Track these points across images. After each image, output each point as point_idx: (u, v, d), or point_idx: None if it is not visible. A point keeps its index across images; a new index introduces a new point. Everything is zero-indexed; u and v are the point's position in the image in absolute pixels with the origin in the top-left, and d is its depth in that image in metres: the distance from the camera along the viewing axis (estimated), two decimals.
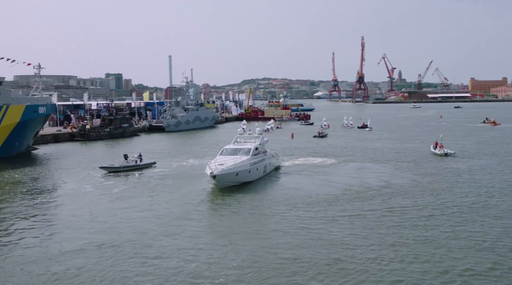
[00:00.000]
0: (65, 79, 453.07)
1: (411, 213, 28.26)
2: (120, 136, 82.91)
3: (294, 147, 63.83)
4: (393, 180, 38.90)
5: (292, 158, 52.91)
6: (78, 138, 78.00)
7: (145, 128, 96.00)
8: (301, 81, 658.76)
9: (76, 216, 28.69)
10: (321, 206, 29.93)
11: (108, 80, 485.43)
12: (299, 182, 38.90)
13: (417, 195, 32.97)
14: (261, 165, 40.51)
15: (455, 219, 27.00)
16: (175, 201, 31.96)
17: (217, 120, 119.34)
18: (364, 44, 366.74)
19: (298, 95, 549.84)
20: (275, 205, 30.63)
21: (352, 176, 40.85)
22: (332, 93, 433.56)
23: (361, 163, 48.90)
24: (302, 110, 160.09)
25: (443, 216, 27.52)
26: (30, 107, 59.54)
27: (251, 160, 38.69)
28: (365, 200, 31.69)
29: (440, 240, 23.17)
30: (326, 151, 59.22)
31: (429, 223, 26.16)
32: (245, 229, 25.48)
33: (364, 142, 68.95)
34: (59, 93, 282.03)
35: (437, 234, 24.16)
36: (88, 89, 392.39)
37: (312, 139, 75.61)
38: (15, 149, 59.17)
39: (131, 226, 26.11)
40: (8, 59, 63.63)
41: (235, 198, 32.81)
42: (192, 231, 25.13)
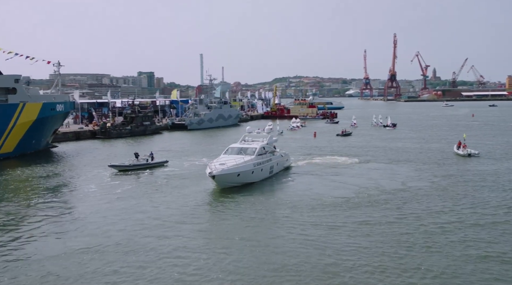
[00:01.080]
0: (99, 77, 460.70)
1: (425, 220, 25.98)
2: (142, 134, 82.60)
3: (314, 146, 61.94)
4: (410, 182, 36.65)
5: (309, 157, 51.12)
6: (99, 136, 78.02)
7: (168, 126, 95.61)
8: (333, 79, 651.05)
9: (67, 218, 27.67)
10: (325, 211, 28.05)
11: (140, 78, 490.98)
12: (309, 183, 37.06)
13: (433, 200, 30.64)
14: (266, 166, 38.94)
15: (475, 228, 24.58)
16: (174, 203, 30.62)
17: (241, 118, 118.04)
18: (396, 41, 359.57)
19: (329, 93, 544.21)
20: (276, 209, 28.93)
21: (367, 178, 38.72)
22: (363, 91, 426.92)
23: (379, 163, 46.68)
24: (331, 109, 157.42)
25: (460, 226, 24.98)
26: (47, 105, 59.37)
27: (255, 160, 37.17)
28: (376, 204, 29.60)
29: (455, 252, 21.04)
30: (346, 150, 57.10)
31: (444, 233, 23.86)
32: (240, 235, 23.84)
33: (386, 142, 66.43)
34: (91, 91, 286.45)
35: (452, 246, 21.86)
36: (121, 87, 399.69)
37: (334, 138, 73.53)
38: (33, 147, 59.15)
39: (119, 229, 24.86)
40: (27, 57, 63.70)
41: (235, 200, 31.30)
42: (183, 236, 23.66)
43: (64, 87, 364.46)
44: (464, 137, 55.39)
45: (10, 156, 54.64)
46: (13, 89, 55.38)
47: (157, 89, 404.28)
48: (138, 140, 75.27)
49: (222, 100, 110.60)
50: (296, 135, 79.70)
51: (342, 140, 69.81)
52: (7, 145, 54.30)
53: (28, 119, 56.27)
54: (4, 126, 53.45)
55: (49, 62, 66.43)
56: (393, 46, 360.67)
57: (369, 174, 40.53)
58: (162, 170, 43.73)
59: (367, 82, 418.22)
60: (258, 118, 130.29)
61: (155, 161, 45.61)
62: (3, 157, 53.79)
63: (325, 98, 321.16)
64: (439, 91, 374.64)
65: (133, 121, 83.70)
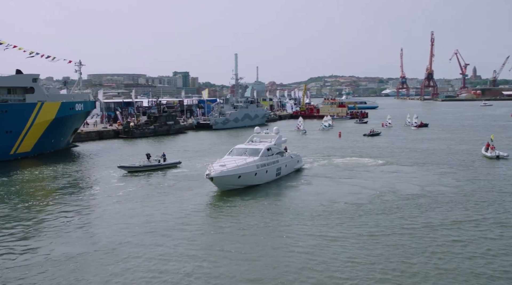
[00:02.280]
0: (135, 77, 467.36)
1: (441, 233, 23.31)
2: (165, 134, 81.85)
3: (337, 147, 59.52)
4: (430, 187, 33.92)
5: (328, 158, 48.87)
6: (122, 136, 77.66)
7: (193, 125, 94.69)
8: (369, 78, 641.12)
9: (63, 221, 26.45)
10: (331, 219, 25.78)
11: (175, 78, 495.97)
12: (319, 187, 34.82)
13: (454, 209, 27.92)
14: (273, 167, 37.03)
15: (501, 242, 21.80)
16: (171, 207, 28.98)
17: (269, 118, 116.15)
18: (433, 39, 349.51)
19: (365, 93, 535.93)
20: (278, 216, 26.81)
21: (385, 181, 36.18)
22: (400, 91, 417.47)
23: (400, 165, 43.95)
24: (365, 108, 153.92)
25: (482, 241, 22.10)
26: (66, 104, 59.01)
27: (259, 162, 35.34)
28: (390, 212, 27.12)
29: (476, 269, 18.65)
30: (369, 151, 54.48)
31: (464, 248, 21.17)
32: (233, 245, 21.97)
33: (414, 143, 63.30)
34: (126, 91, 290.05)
35: (471, 266, 19.25)
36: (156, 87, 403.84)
37: (361, 138, 70.83)
38: (52, 146, 58.92)
39: (106, 235, 23.40)
40: (48, 56, 63.56)
41: (235, 205, 29.50)
42: (169, 246, 21.94)
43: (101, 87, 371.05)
44: (492, 138, 51.89)
45: (28, 156, 54.49)
46: (31, 89, 55.20)
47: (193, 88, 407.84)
48: (161, 139, 74.50)
49: (248, 99, 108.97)
50: (320, 135, 77.23)
51: (368, 141, 67.07)
52: (24, 144, 54.11)
53: (46, 118, 55.99)
54: (21, 126, 53.28)
55: (70, 61, 66.02)
56: (430, 44, 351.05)
57: (387, 177, 37.97)
58: (173, 171, 42.33)
59: (403, 81, 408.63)
60: (287, 117, 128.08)
61: (167, 162, 44.30)
62: (21, 156, 53.66)
63: (360, 97, 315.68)
64: (478, 90, 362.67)
65: (157, 120, 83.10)
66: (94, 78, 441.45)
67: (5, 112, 51.75)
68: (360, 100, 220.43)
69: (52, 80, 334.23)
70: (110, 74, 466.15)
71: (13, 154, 52.91)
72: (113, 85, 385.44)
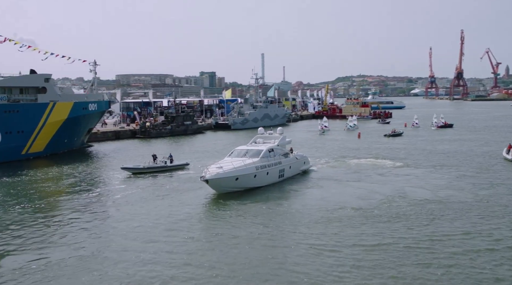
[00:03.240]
0: (162, 77, 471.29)
1: (448, 245, 21.24)
2: (183, 134, 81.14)
3: (354, 148, 57.63)
4: (444, 191, 31.79)
5: (342, 160, 47.20)
6: (139, 136, 77.31)
7: (212, 125, 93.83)
8: (398, 78, 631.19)
9: (47, 225, 25.52)
10: (331, 227, 24.00)
11: (202, 78, 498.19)
12: (324, 191, 33.10)
13: (467, 216, 25.82)
14: (274, 169, 35.58)
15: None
16: (165, 211, 27.70)
17: (290, 118, 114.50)
18: (463, 37, 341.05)
19: (393, 92, 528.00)
20: (276, 222, 25.16)
21: (396, 185, 34.17)
22: (428, 90, 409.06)
23: (416, 168, 41.81)
24: (391, 108, 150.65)
25: (495, 257, 19.77)
26: (78, 104, 58.65)
27: (259, 163, 33.92)
28: (397, 220, 25.20)
29: None
30: (387, 153, 52.42)
31: (473, 261, 19.27)
32: (222, 256, 20.56)
33: (434, 144, 60.77)
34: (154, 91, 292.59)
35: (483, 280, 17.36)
36: (183, 87, 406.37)
37: (380, 139, 68.64)
38: (66, 146, 58.62)
39: (90, 242, 22.31)
40: (63, 56, 63.53)
41: (230, 209, 28.17)
42: (153, 251, 20.76)
43: (129, 87, 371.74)
44: None
45: (40, 156, 54.29)
46: (43, 88, 54.96)
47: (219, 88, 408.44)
48: (177, 140, 73.82)
49: (268, 99, 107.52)
50: (338, 136, 75.25)
51: (388, 142, 64.83)
52: (36, 144, 53.92)
53: (58, 118, 55.71)
54: (33, 126, 53.08)
55: (84, 61, 65.83)
56: (460, 43, 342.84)
57: (399, 181, 35.96)
58: (178, 173, 41.20)
59: (432, 81, 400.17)
60: (309, 117, 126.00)
61: (174, 164, 43.23)
62: (33, 156, 53.47)
63: (388, 97, 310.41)
64: (510, 90, 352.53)
65: (174, 120, 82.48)
66: (122, 79, 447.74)
67: (17, 112, 51.63)
68: (386, 100, 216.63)
69: (67, 80, 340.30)
70: (138, 74, 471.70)
71: (25, 154, 52.75)
72: (140, 85, 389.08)
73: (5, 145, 50.23)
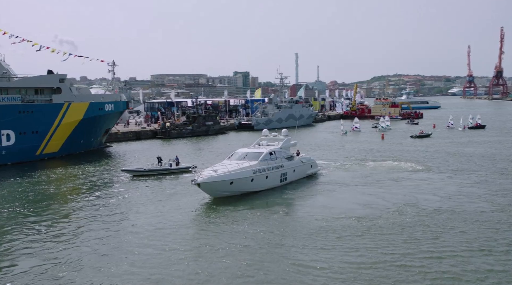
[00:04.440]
0: (196, 77, 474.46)
1: (453, 264, 19.09)
2: (204, 134, 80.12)
3: (375, 149, 55.25)
4: (461, 199, 29.24)
5: (359, 162, 45.07)
6: (160, 136, 76.75)
7: (235, 126, 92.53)
8: (435, 77, 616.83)
9: (34, 229, 24.60)
10: (323, 240, 21.95)
11: (235, 78, 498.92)
12: (329, 197, 31.13)
13: (482, 229, 23.38)
14: (275, 173, 33.86)
15: None
16: (156, 218, 26.33)
17: (317, 118, 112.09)
18: (503, 35, 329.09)
19: (430, 92, 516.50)
20: (262, 233, 23.27)
21: (408, 191, 31.79)
22: (466, 90, 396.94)
23: (434, 173, 39.21)
24: (425, 108, 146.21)
25: None
26: (94, 105, 58.28)
27: (257, 167, 32.33)
28: (402, 232, 22.99)
29: None
30: (408, 155, 49.87)
31: (482, 282, 17.24)
32: (198, 265, 19.14)
33: (460, 146, 57.55)
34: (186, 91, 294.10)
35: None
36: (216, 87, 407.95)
37: (405, 141, 65.78)
38: (82, 147, 58.37)
39: (64, 252, 21.11)
40: (80, 56, 63.51)
41: (222, 215, 26.72)
42: (129, 263, 19.42)
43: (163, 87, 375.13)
44: None
45: (55, 156, 54.11)
46: (58, 89, 54.73)
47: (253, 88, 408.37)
48: (198, 140, 72.87)
49: (293, 99, 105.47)
50: (362, 137, 72.59)
51: (412, 143, 61.93)
52: (51, 145, 53.74)
53: (73, 119, 55.43)
54: (48, 126, 52.93)
55: (103, 61, 65.72)
56: (500, 41, 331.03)
57: (413, 186, 33.54)
58: (183, 176, 39.79)
59: (470, 80, 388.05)
60: (337, 118, 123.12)
61: (179, 167, 41.94)
62: (48, 157, 53.31)
63: (424, 97, 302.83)
64: None
65: (195, 121, 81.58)
66: (157, 79, 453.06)
67: (31, 112, 51.52)
68: (422, 99, 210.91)
69: (85, 80, 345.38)
70: (172, 74, 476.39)
71: (40, 154, 52.63)
72: (174, 85, 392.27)
73: (19, 146, 50.22)
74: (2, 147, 49.13)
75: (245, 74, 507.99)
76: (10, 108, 49.95)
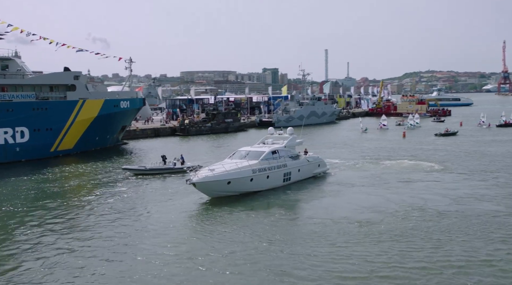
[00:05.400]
0: (225, 74, 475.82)
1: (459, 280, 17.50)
2: (223, 132, 79.41)
3: (394, 148, 53.48)
4: (471, 203, 27.38)
5: (372, 161, 43.49)
6: (179, 133, 76.46)
7: (255, 123, 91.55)
8: (469, 73, 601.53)
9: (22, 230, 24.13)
10: (313, 247, 20.55)
11: (264, 75, 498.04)
12: (333, 198, 29.74)
13: (488, 236, 21.70)
14: (278, 172, 32.71)
15: None
16: (148, 219, 25.51)
17: (341, 116, 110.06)
18: None
19: (464, 88, 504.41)
20: (251, 237, 22.08)
21: (418, 193, 30.07)
22: (502, 86, 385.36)
23: (450, 173, 37.31)
24: (456, 105, 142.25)
25: None
26: (109, 102, 58.14)
27: (257, 166, 31.23)
28: (397, 239, 21.38)
29: None
30: (427, 154, 47.95)
31: None
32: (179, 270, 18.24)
33: (484, 145, 55.04)
34: (214, 88, 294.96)
35: None
36: (245, 83, 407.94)
37: (427, 139, 63.54)
38: (97, 144, 58.36)
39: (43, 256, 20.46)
40: (97, 53, 63.56)
41: (215, 217, 25.72)
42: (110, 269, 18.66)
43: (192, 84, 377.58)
44: None
45: (70, 153, 54.20)
46: (72, 86, 54.77)
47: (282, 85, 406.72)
48: (217, 137, 72.24)
49: (315, 96, 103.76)
50: (382, 135, 70.53)
51: (435, 142, 59.74)
52: (66, 142, 53.83)
53: (88, 116, 55.41)
54: (62, 123, 53.00)
55: (120, 58, 65.58)
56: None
57: (424, 187, 31.76)
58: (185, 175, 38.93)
59: (506, 76, 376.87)
60: (362, 115, 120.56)
61: (184, 166, 41.01)
62: (63, 154, 53.41)
63: (458, 93, 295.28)
64: None
65: (214, 118, 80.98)
66: (186, 75, 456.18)
67: (45, 109, 51.69)
68: (453, 96, 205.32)
69: (117, 77, 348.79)
70: (202, 71, 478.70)
71: (54, 151, 52.75)
72: (203, 82, 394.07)
73: (33, 143, 50.43)
74: (16, 144, 49.41)
75: (274, 70, 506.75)
76: (24, 105, 50.18)
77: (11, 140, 49.21)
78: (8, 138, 48.99)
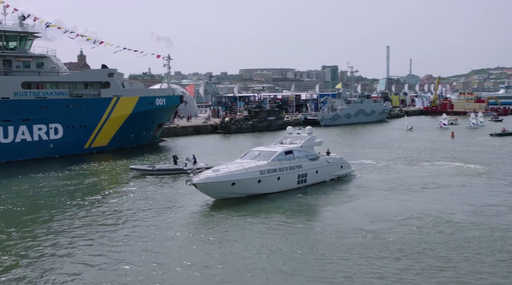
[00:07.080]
0: (283, 71, 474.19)
1: None
2: (265, 129, 77.94)
3: (438, 149, 50.28)
4: (500, 215, 24.19)
5: (408, 163, 40.57)
6: (220, 131, 75.75)
7: (300, 121, 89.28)
8: None
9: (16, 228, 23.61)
10: (310, 256, 18.70)
11: (323, 72, 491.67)
12: (349, 204, 27.43)
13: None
14: (291, 174, 30.71)
15: None
16: (147, 224, 24.06)
17: (392, 114, 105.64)
18: None
19: None
20: (244, 247, 20.27)
21: (442, 200, 27.22)
22: None
23: (489, 178, 33.92)
24: None
25: None
26: (144, 99, 57.94)
27: (266, 167, 29.41)
28: (406, 256, 18.85)
29: None
30: (473, 156, 44.35)
31: None
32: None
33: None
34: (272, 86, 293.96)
35: None
36: (303, 81, 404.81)
37: (479, 139, 59.11)
38: (133, 141, 58.38)
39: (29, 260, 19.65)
40: (135, 50, 63.72)
41: (217, 221, 24.21)
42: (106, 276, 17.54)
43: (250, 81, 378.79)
44: None
45: (104, 150, 54.47)
46: (107, 83, 54.93)
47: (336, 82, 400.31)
48: (258, 135, 70.92)
49: (363, 93, 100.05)
50: (427, 135, 66.44)
51: (487, 142, 55.47)
52: (100, 138, 54.13)
53: (122, 113, 55.43)
54: (96, 120, 53.31)
55: (158, 56, 65.24)
56: None
57: (451, 194, 28.82)
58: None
59: None
60: (416, 113, 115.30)
61: (196, 166, 39.50)
62: (97, 150, 53.75)
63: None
64: None
65: (256, 116, 79.61)
66: (245, 73, 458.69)
67: (80, 106, 52.16)
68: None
69: (179, 75, 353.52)
70: (260, 69, 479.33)
71: (88, 148, 53.19)
72: (261, 80, 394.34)
73: (67, 139, 50.99)
74: (49, 140, 50.14)
75: (333, 68, 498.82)
76: (58, 102, 50.82)
77: (45, 136, 49.95)
78: (42, 135, 49.76)
